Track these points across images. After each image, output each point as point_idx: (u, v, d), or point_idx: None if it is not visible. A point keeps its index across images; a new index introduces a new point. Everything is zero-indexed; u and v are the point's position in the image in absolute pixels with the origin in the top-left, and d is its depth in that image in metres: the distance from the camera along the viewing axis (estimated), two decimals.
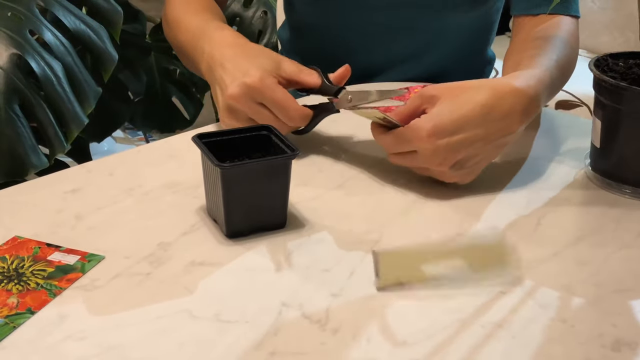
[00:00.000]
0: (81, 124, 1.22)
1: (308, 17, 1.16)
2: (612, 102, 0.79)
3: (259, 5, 1.73)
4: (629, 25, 2.38)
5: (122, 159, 0.86)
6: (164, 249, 0.69)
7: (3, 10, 1.21)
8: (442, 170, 0.77)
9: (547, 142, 0.93)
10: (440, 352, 0.57)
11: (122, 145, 2.66)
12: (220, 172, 0.67)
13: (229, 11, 1.72)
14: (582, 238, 0.73)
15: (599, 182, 0.83)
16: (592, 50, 2.44)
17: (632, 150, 0.80)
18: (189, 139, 0.74)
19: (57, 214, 0.74)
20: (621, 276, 0.67)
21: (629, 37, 2.38)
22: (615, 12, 2.41)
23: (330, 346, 0.57)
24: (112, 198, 0.77)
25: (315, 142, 0.90)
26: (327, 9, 1.11)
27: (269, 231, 0.71)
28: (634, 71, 0.82)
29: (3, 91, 1.14)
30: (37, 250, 0.68)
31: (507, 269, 0.67)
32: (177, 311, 0.60)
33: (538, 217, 0.76)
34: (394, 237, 0.72)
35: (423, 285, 0.64)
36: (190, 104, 2.03)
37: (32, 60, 1.17)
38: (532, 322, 0.60)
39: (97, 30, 1.29)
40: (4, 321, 0.58)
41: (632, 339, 0.59)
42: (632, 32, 2.36)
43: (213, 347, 0.57)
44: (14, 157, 1.14)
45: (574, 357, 0.57)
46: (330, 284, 0.64)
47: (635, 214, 0.77)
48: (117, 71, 1.39)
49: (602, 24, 2.43)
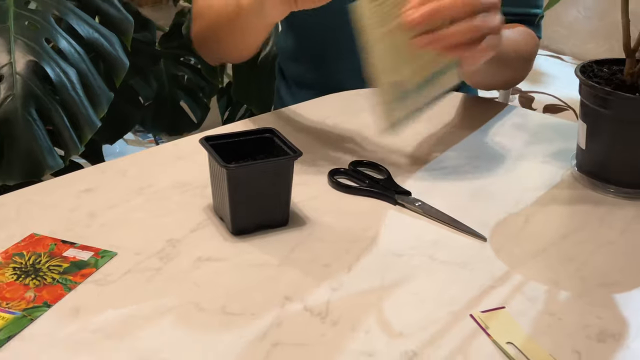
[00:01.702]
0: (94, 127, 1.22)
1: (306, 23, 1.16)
2: (596, 106, 0.79)
3: None
4: (612, 33, 2.38)
5: (133, 160, 0.86)
6: (173, 245, 0.69)
7: (21, 20, 1.21)
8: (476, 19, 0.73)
9: (535, 144, 0.93)
10: (434, 342, 0.57)
11: (133, 147, 2.66)
12: (226, 172, 0.67)
13: None
14: (568, 235, 0.73)
15: (585, 182, 0.83)
16: (578, 57, 2.44)
17: (616, 152, 0.80)
18: (196, 141, 0.74)
19: (71, 212, 0.74)
20: (605, 271, 0.67)
21: (613, 44, 2.37)
22: (599, 21, 2.41)
23: (330, 337, 0.57)
24: (124, 197, 0.77)
25: (315, 144, 0.90)
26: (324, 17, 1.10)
27: (272, 228, 0.71)
28: (617, 77, 0.82)
29: (20, 96, 1.14)
30: (53, 246, 0.68)
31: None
32: (186, 304, 0.60)
33: (526, 215, 0.76)
34: (389, 234, 0.72)
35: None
36: (198, 108, 2.03)
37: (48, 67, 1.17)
38: (521, 315, 0.61)
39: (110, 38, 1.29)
40: (22, 314, 0.58)
41: (617, 330, 0.59)
42: (616, 40, 2.35)
43: (219, 338, 0.57)
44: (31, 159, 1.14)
45: (561, 348, 0.57)
46: (330, 279, 0.64)
47: (619, 212, 0.77)
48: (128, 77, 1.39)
49: (587, 32, 2.43)
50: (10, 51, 1.17)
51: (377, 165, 0.84)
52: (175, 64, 1.97)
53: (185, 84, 2.00)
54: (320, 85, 1.13)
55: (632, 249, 0.71)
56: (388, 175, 0.82)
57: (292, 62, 1.23)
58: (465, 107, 1.05)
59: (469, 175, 0.84)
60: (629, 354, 0.57)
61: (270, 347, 0.56)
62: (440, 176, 0.84)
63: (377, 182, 0.81)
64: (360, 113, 0.99)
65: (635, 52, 0.80)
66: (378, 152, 0.88)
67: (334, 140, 0.92)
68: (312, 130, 0.95)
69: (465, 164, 0.87)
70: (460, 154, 0.89)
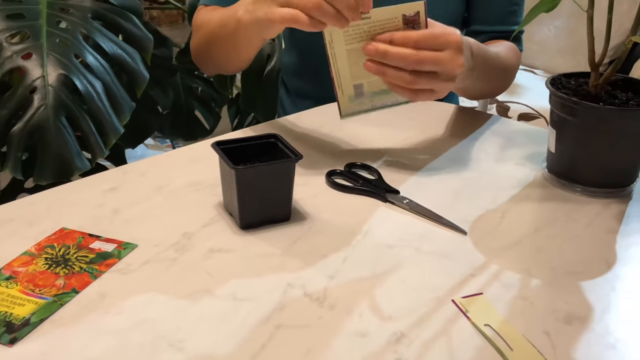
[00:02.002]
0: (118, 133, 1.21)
1: (306, 43, 1.16)
2: (565, 114, 0.79)
3: None
4: (579, 50, 2.38)
5: (153, 163, 0.86)
6: (187, 238, 0.69)
7: (52, 38, 1.21)
8: (456, 69, 0.78)
9: (510, 148, 0.93)
10: (420, 325, 0.57)
11: (153, 150, 2.66)
12: (235, 173, 0.67)
13: None
14: (540, 229, 0.73)
15: (554, 182, 0.83)
16: (548, 70, 2.45)
17: (582, 155, 0.80)
18: (208, 146, 0.74)
19: (97, 208, 0.74)
20: (572, 261, 0.67)
21: (580, 60, 2.38)
22: (567, 39, 2.41)
23: (328, 320, 0.57)
24: (144, 195, 0.77)
25: (314, 148, 0.90)
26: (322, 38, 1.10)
27: (276, 223, 0.71)
28: (583, 88, 0.82)
29: (52, 106, 1.14)
30: (80, 239, 0.68)
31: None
32: (199, 290, 0.60)
33: (502, 212, 0.76)
34: (380, 228, 0.72)
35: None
36: (210, 117, 2.03)
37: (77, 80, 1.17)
38: (497, 300, 0.61)
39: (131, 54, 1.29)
40: (52, 299, 0.58)
41: (582, 314, 0.59)
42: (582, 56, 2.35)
43: (229, 321, 0.57)
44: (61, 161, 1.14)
45: (532, 329, 0.57)
46: (328, 268, 0.64)
47: (584, 209, 0.77)
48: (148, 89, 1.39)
49: (556, 49, 2.43)
50: (43, 65, 1.16)
51: (370, 167, 0.84)
52: (190, 77, 1.97)
53: (199, 95, 1.99)
54: (318, 96, 1.13)
55: (596, 241, 0.71)
56: (379, 176, 0.82)
57: (294, 76, 1.23)
58: (448, 116, 1.05)
59: (451, 176, 0.84)
60: (593, 334, 0.57)
61: (274, 329, 0.56)
62: (425, 177, 0.84)
63: (370, 182, 0.81)
64: (353, 121, 0.99)
65: (599, 67, 0.80)
66: (370, 156, 0.88)
67: (331, 145, 0.92)
68: (311, 136, 0.95)
69: (448, 166, 0.87)
70: (444, 157, 0.89)
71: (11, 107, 1.13)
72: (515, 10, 1.09)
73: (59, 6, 1.28)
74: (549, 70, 2.43)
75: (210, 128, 2.02)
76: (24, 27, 1.21)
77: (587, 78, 0.83)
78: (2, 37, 1.17)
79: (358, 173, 0.83)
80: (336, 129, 0.96)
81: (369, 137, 0.94)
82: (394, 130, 0.97)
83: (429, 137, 0.96)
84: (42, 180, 1.14)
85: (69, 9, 1.28)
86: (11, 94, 1.14)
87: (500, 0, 1.08)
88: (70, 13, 1.27)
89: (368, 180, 0.81)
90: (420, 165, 0.87)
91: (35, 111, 1.12)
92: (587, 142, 0.79)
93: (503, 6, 1.09)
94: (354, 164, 0.85)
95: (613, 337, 0.57)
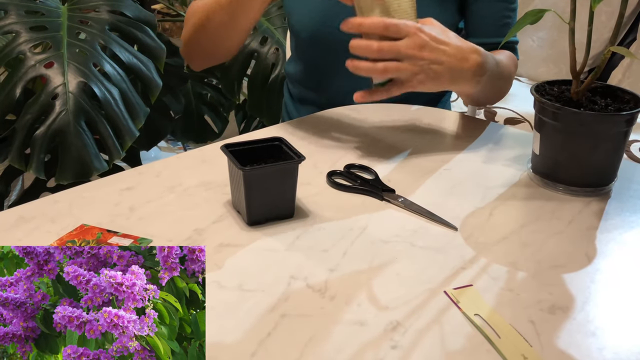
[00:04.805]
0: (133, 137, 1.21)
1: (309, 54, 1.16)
2: (548, 119, 0.79)
3: (272, 43, 1.73)
4: (561, 59, 2.38)
5: (166, 164, 0.86)
6: (198, 233, 0.69)
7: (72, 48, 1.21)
8: (415, 56, 0.80)
9: (497, 150, 0.93)
10: (414, 314, 0.57)
11: (166, 152, 2.66)
12: (242, 173, 0.67)
13: (248, 48, 1.71)
14: (525, 225, 0.73)
15: (539, 181, 0.83)
16: (532, 78, 2.44)
17: (564, 157, 0.80)
18: (217, 148, 0.74)
19: (115, 206, 0.74)
20: (555, 255, 0.67)
21: (562, 68, 2.38)
22: (550, 49, 2.41)
23: (329, 310, 0.57)
24: (158, 194, 0.77)
25: (316, 150, 0.90)
26: (324, 49, 1.10)
27: (281, 220, 0.71)
28: (565, 95, 0.82)
29: (72, 111, 1.14)
30: (99, 235, 0.68)
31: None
32: (209, 282, 0.60)
33: (490, 209, 0.76)
34: (377, 224, 0.72)
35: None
36: (219, 121, 2.03)
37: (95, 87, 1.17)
38: (486, 291, 0.61)
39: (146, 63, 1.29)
40: None
41: (564, 304, 0.59)
42: (564, 65, 2.36)
43: (237, 310, 0.57)
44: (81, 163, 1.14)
45: (519, 318, 0.57)
46: (328, 261, 0.64)
47: (567, 206, 0.77)
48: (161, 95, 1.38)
49: (540, 58, 2.43)
50: (64, 74, 1.16)
51: (367, 168, 0.84)
52: (201, 84, 1.97)
53: (208, 101, 1.99)
54: (320, 103, 1.14)
55: (577, 237, 0.71)
56: (376, 176, 0.82)
57: (298, 84, 1.22)
58: (441, 121, 1.05)
59: (443, 176, 0.84)
60: (575, 323, 0.57)
61: (278, 318, 0.56)
62: (419, 177, 0.84)
63: (367, 181, 0.81)
64: (352, 125, 0.99)
65: (580, 75, 0.80)
66: (368, 157, 0.88)
67: (331, 147, 0.92)
68: (313, 139, 0.94)
69: (440, 167, 0.87)
70: (436, 158, 0.89)
71: (34, 113, 1.13)
72: (509, 23, 1.10)
73: (78, 19, 1.27)
74: (533, 78, 2.43)
75: (219, 131, 2.02)
76: (46, 38, 1.21)
77: (568, 85, 0.83)
78: (26, 47, 1.17)
79: (357, 173, 0.83)
80: (336, 132, 0.96)
81: (367, 141, 0.94)
82: (390, 134, 0.97)
83: (422, 141, 0.96)
84: (63, 180, 1.14)
85: (87, 22, 1.28)
86: (34, 100, 1.14)
87: (493, 14, 1.08)
88: (89, 25, 1.27)
89: (366, 180, 0.81)
90: (415, 166, 0.87)
91: (57, 116, 1.12)
92: (569, 144, 0.79)
93: (496, 19, 1.09)
94: (353, 165, 0.85)
95: (593, 325, 0.57)
